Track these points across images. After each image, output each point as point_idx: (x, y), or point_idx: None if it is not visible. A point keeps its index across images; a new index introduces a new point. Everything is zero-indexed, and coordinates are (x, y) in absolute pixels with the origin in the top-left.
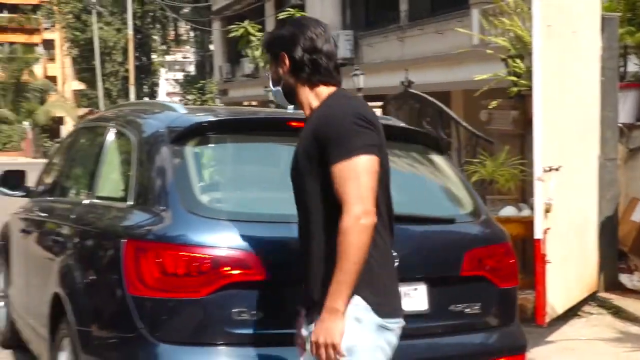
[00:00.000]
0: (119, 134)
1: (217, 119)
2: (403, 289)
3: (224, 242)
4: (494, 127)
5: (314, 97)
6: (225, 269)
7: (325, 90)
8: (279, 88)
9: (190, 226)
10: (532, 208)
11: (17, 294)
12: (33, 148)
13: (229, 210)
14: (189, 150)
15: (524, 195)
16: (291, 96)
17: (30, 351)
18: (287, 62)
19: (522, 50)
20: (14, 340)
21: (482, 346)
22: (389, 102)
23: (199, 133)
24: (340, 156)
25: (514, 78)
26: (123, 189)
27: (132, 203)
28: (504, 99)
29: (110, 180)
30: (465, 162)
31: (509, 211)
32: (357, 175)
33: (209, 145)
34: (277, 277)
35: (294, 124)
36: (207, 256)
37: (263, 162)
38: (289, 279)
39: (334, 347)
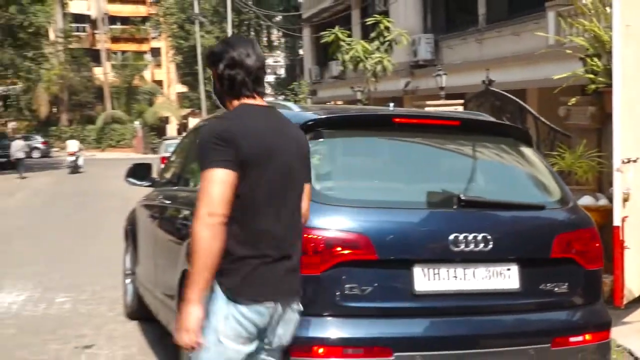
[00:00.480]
0: None
1: (328, 116)
2: (497, 269)
3: (336, 226)
4: (571, 122)
5: (230, 108)
6: (338, 249)
7: (236, 104)
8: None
9: None
10: (609, 198)
11: (144, 271)
12: (142, 145)
13: (340, 198)
14: None
15: (601, 185)
16: (222, 104)
17: (155, 322)
18: (214, 76)
19: (600, 49)
20: (140, 313)
21: (569, 322)
22: (470, 99)
23: (312, 129)
24: (201, 167)
25: (592, 76)
26: None
27: None
28: (581, 96)
29: None
30: (544, 155)
31: (586, 201)
32: (206, 184)
33: (322, 139)
34: (384, 257)
35: (397, 120)
36: (321, 238)
37: (369, 154)
38: (395, 258)
39: (189, 331)
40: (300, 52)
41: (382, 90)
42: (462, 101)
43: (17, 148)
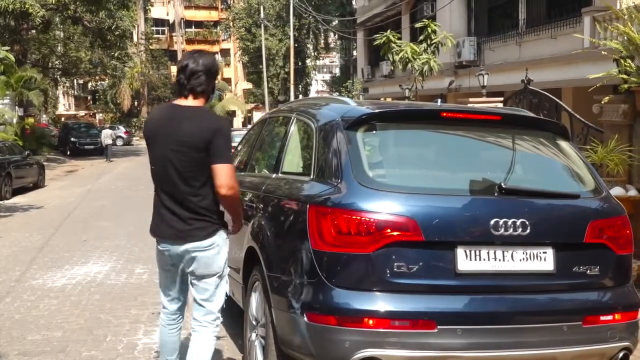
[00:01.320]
0: (301, 122)
1: (381, 110)
2: (534, 251)
3: (387, 209)
4: (604, 118)
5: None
6: (388, 230)
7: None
8: None
9: (360, 195)
10: (639, 189)
11: None
12: None
13: (391, 184)
14: (359, 135)
15: (631, 178)
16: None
17: None
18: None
19: (634, 51)
20: None
21: (600, 302)
22: (509, 97)
23: (367, 122)
24: None
25: (625, 76)
26: (305, 165)
27: (313, 177)
28: (614, 95)
29: (294, 159)
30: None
31: (617, 191)
32: None
33: (375, 131)
34: (429, 239)
35: (445, 114)
36: (373, 220)
37: (419, 145)
38: (439, 240)
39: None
40: (354, 53)
41: (427, 89)
42: (501, 99)
43: (106, 136)
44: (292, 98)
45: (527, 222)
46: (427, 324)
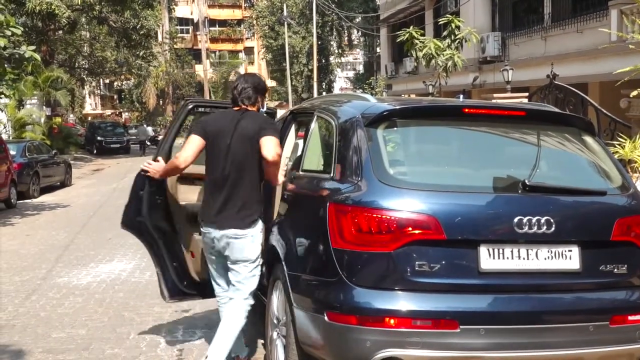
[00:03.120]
0: (322, 120)
1: (402, 107)
2: (559, 250)
3: (408, 207)
4: (632, 113)
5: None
6: (409, 229)
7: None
8: None
9: (381, 194)
10: None
11: None
12: None
13: (412, 181)
14: (380, 132)
15: None
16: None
17: None
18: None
19: None
20: None
21: (627, 302)
22: (534, 92)
23: (387, 118)
24: None
25: None
26: (326, 163)
27: (333, 175)
28: None
29: (315, 156)
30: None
31: None
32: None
33: (396, 128)
34: (452, 237)
35: (467, 110)
36: (394, 218)
37: (441, 142)
38: (462, 238)
39: None
40: (378, 49)
41: (451, 84)
42: (526, 94)
43: (143, 132)
44: (315, 95)
45: (551, 220)
46: (449, 323)
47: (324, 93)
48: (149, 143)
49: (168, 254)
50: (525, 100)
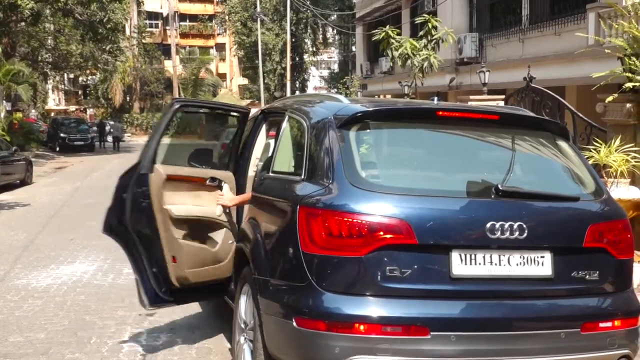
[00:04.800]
0: (293, 120)
1: (375, 108)
2: (531, 256)
3: (380, 211)
4: (608, 118)
5: None
6: (381, 233)
7: None
8: None
9: (353, 197)
10: None
11: None
12: (206, 132)
13: (384, 185)
14: (352, 134)
15: (635, 179)
16: None
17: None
18: None
19: (639, 49)
20: None
21: (599, 309)
22: (511, 95)
23: (360, 120)
24: None
25: (630, 74)
26: (297, 165)
27: (304, 177)
28: (618, 93)
29: (286, 158)
30: (580, 149)
31: (621, 193)
32: None
33: (369, 130)
34: (423, 242)
35: (441, 113)
36: (365, 222)
37: (414, 145)
38: (434, 243)
39: None
40: (353, 48)
41: (428, 86)
42: (503, 96)
43: (117, 128)
44: (288, 94)
45: (524, 226)
46: (420, 329)
47: (297, 92)
48: (124, 140)
49: (148, 259)
50: (502, 103)
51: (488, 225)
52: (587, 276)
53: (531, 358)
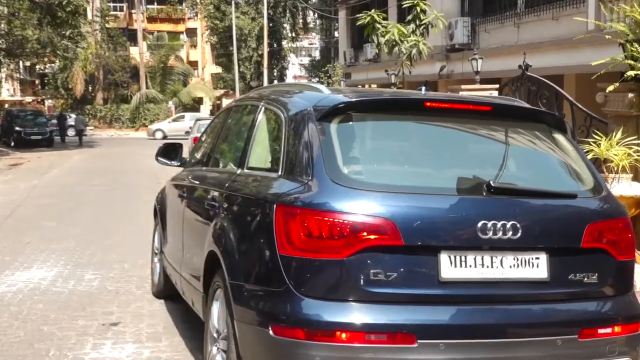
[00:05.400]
0: (270, 112)
1: (359, 99)
2: (525, 257)
3: (363, 210)
4: (609, 109)
5: None
6: (364, 233)
7: None
8: None
9: (334, 195)
10: None
11: (171, 251)
12: None
13: (368, 182)
14: (333, 127)
15: (637, 174)
16: None
17: (180, 300)
18: None
19: None
20: (167, 292)
21: (598, 314)
22: (505, 84)
23: (342, 112)
24: None
25: (632, 62)
26: (273, 160)
27: (282, 173)
28: (620, 82)
29: (262, 152)
30: (579, 142)
31: (622, 189)
32: None
33: (351, 122)
34: (410, 243)
35: (429, 104)
36: (347, 222)
37: (400, 138)
38: (421, 244)
39: None
40: (336, 34)
41: (416, 74)
42: (497, 86)
43: (81, 121)
44: (265, 83)
45: (518, 225)
46: (406, 338)
47: (275, 81)
48: (86, 134)
49: None
50: (495, 93)
51: (479, 224)
52: (585, 279)
53: None
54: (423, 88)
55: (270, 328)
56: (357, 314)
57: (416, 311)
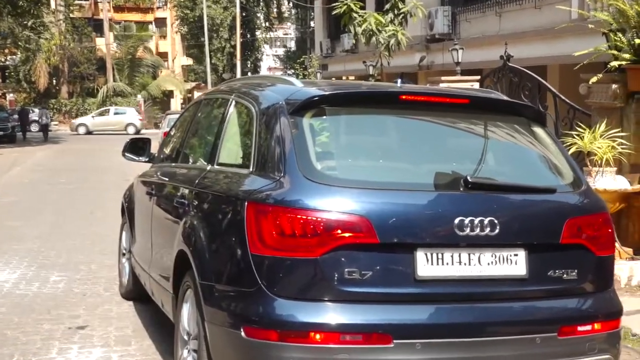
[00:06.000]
0: (240, 105)
1: (332, 92)
2: (504, 254)
3: (337, 207)
4: (592, 100)
5: None
6: (338, 231)
7: None
8: None
9: (306, 191)
10: None
11: (140, 250)
12: (145, 119)
13: (342, 178)
14: (306, 121)
15: (621, 167)
16: None
17: (150, 302)
18: None
19: (625, 24)
20: (136, 293)
21: (577, 311)
22: (487, 76)
23: (315, 105)
24: None
25: (615, 52)
26: (245, 156)
27: (253, 169)
28: (604, 73)
29: (233, 148)
30: (562, 135)
31: (606, 183)
32: None
33: (325, 116)
34: (385, 241)
35: (404, 97)
36: (321, 219)
37: (375, 133)
38: (397, 241)
39: None
40: (312, 24)
41: (395, 65)
42: (478, 77)
43: (44, 115)
44: (239, 75)
45: (496, 221)
46: (382, 338)
47: (249, 73)
48: (51, 129)
49: None
50: (477, 85)
51: (456, 221)
52: (565, 275)
53: None
54: (399, 80)
55: (242, 329)
56: (332, 314)
57: (392, 310)
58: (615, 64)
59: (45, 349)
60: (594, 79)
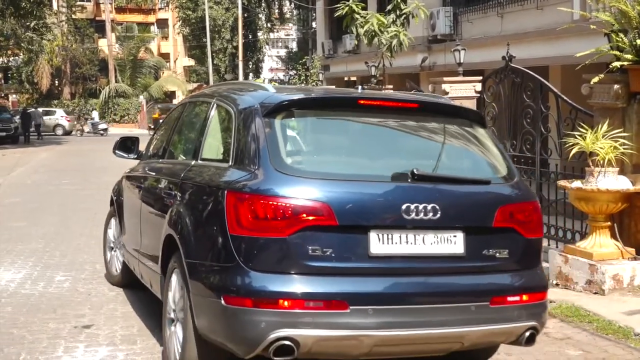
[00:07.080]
0: (221, 108)
1: (300, 97)
2: (444, 235)
3: (303, 195)
4: (594, 100)
5: None
6: (303, 215)
7: None
8: None
9: (277, 182)
10: None
11: (129, 239)
12: (146, 120)
13: (307, 170)
14: (277, 121)
15: (623, 167)
16: None
17: (140, 286)
18: None
19: (626, 24)
20: (127, 280)
21: (508, 284)
22: (489, 76)
23: (285, 108)
24: None
25: (617, 52)
26: (225, 152)
27: (232, 163)
28: (606, 74)
29: (214, 145)
30: (565, 135)
31: (608, 183)
32: None
33: (293, 118)
34: (343, 223)
35: (361, 102)
36: (289, 205)
37: (337, 132)
38: (353, 224)
39: None
40: (313, 25)
41: (397, 66)
42: (480, 78)
43: (38, 115)
44: (241, 76)
45: (437, 207)
46: (339, 304)
47: (251, 74)
48: (43, 128)
49: None
50: (479, 85)
51: (404, 207)
52: (497, 254)
53: (444, 329)
54: (359, 87)
55: (222, 298)
56: (298, 285)
57: (348, 282)
58: (617, 64)
59: (51, 348)
60: (595, 80)
